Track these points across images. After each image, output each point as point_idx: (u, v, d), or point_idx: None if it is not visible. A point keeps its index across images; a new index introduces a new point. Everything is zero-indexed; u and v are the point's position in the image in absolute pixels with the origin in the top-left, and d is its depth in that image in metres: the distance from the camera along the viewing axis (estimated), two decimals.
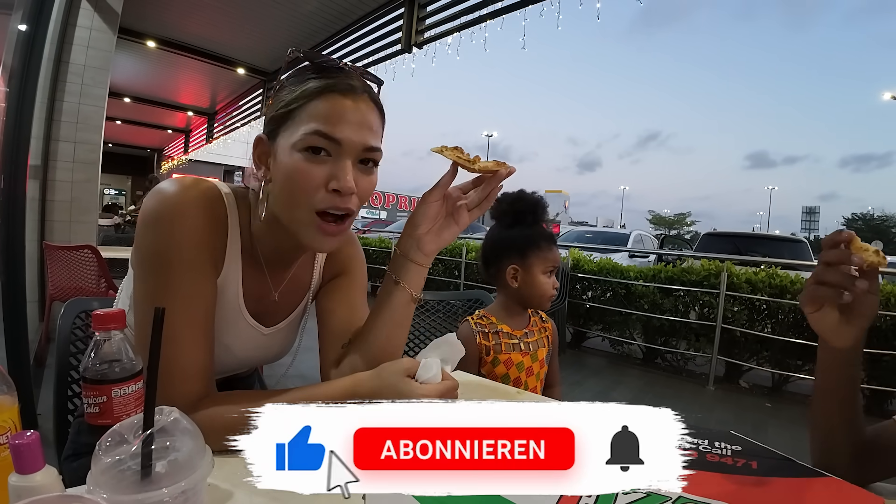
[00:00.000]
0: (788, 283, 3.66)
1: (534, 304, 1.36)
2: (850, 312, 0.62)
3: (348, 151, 0.68)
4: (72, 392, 0.98)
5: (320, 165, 0.67)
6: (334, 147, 0.67)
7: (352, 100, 0.68)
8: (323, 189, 0.67)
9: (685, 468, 0.41)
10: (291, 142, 0.67)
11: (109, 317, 0.52)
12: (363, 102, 0.70)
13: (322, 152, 0.67)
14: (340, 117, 0.67)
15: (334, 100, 0.68)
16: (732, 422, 3.15)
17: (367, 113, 0.69)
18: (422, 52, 4.76)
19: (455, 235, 0.78)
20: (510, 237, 1.34)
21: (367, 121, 0.69)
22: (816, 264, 0.63)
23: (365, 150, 0.69)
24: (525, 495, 0.42)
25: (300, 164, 0.67)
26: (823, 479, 0.59)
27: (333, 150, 0.67)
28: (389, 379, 0.66)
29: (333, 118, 0.67)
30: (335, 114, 0.67)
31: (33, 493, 0.39)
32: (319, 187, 0.67)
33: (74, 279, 3.13)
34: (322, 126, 0.66)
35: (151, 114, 10.78)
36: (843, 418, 0.69)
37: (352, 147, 0.68)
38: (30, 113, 2.10)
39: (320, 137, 0.66)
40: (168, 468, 0.40)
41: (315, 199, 0.67)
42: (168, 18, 5.62)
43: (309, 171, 0.67)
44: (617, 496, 0.52)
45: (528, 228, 1.33)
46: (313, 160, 0.67)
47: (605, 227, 20.45)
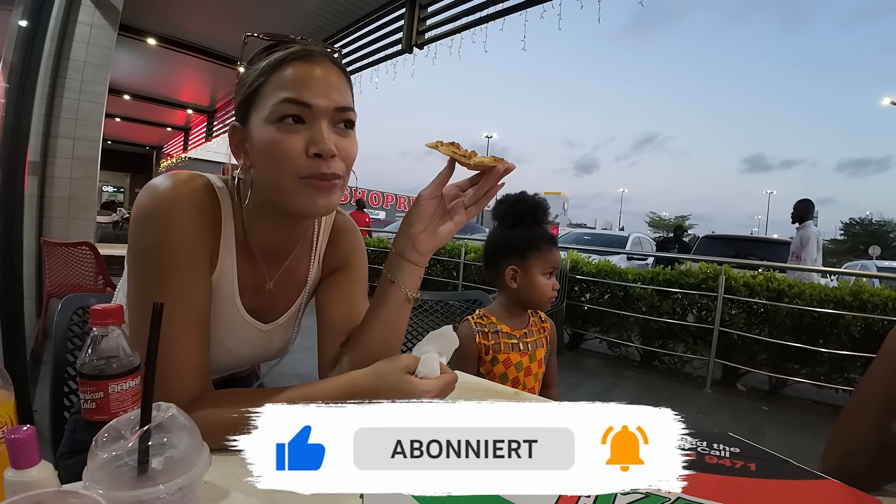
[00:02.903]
0: (786, 286, 3.67)
1: (533, 305, 1.36)
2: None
3: (320, 114, 0.67)
4: (68, 389, 0.98)
5: (296, 134, 0.66)
6: (306, 112, 0.67)
7: (314, 64, 0.68)
8: (304, 156, 0.66)
9: (684, 469, 0.41)
10: (263, 117, 0.67)
11: (107, 312, 0.52)
12: (325, 65, 0.69)
13: (295, 120, 0.67)
14: (306, 82, 0.67)
15: (297, 66, 0.68)
16: (729, 425, 3.15)
17: (330, 74, 0.69)
18: (422, 53, 4.76)
19: (451, 234, 0.76)
20: (510, 238, 1.34)
21: (332, 82, 0.69)
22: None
23: (337, 111, 0.69)
24: (524, 495, 0.42)
25: (276, 136, 0.66)
26: (822, 481, 0.59)
27: (306, 116, 0.67)
28: (389, 378, 0.66)
29: (299, 84, 0.66)
30: (300, 79, 0.67)
31: (29, 489, 0.39)
32: (300, 154, 0.66)
33: (72, 276, 3.12)
34: (290, 93, 0.66)
35: (151, 111, 10.77)
36: (881, 422, 0.69)
37: (323, 109, 0.67)
38: (29, 109, 2.09)
39: (290, 104, 0.66)
40: (165, 465, 0.40)
41: (298, 166, 0.67)
42: (169, 16, 5.62)
43: (286, 141, 0.66)
44: (616, 496, 0.52)
45: (529, 230, 1.33)
46: (288, 129, 0.66)
47: (603, 229, 20.50)
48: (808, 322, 3.57)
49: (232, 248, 0.76)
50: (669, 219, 52.84)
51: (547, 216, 1.37)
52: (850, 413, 0.72)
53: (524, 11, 3.90)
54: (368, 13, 5.09)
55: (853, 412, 0.72)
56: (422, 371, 0.67)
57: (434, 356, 0.68)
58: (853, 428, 0.71)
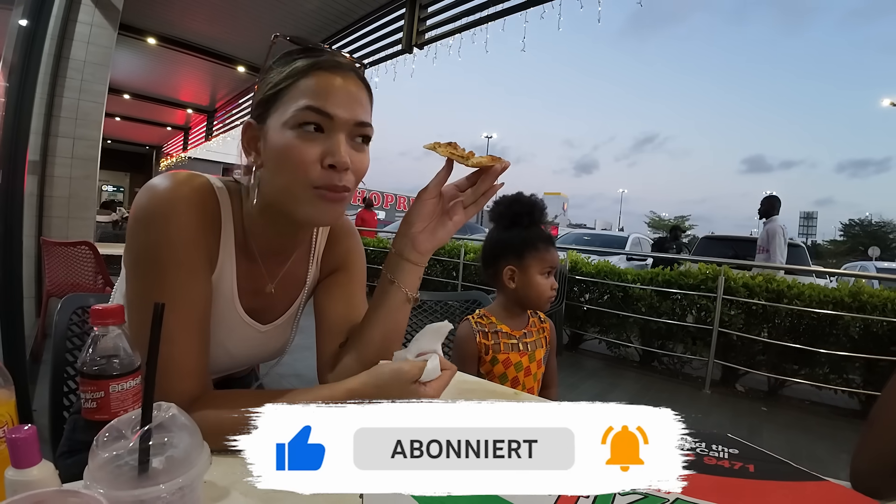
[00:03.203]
0: (785, 287, 3.67)
1: (531, 305, 1.36)
2: None
3: (340, 126, 0.67)
4: (67, 388, 0.98)
5: (314, 142, 0.66)
6: (327, 122, 0.67)
7: (340, 76, 0.68)
8: (318, 165, 0.66)
9: (683, 469, 0.41)
10: (282, 120, 0.67)
11: (108, 312, 0.52)
12: (351, 79, 0.70)
13: (315, 128, 0.67)
14: (331, 93, 0.67)
15: (324, 76, 0.68)
16: (728, 425, 3.16)
17: (355, 89, 0.69)
18: (422, 53, 4.76)
19: (451, 234, 0.76)
20: (507, 238, 1.35)
21: (356, 96, 0.69)
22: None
23: (356, 126, 0.69)
24: (523, 495, 0.42)
25: (293, 142, 0.66)
26: (821, 482, 0.59)
27: (326, 126, 0.67)
28: (393, 392, 0.64)
29: (324, 94, 0.67)
30: (325, 89, 0.67)
31: (30, 488, 0.39)
32: (315, 163, 0.66)
33: (71, 275, 3.12)
34: (314, 101, 0.66)
35: (151, 111, 10.75)
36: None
37: (344, 122, 0.67)
38: (29, 108, 2.09)
39: (312, 112, 0.66)
40: (165, 464, 0.40)
41: (311, 175, 0.67)
42: (169, 15, 5.61)
43: (303, 148, 0.66)
44: (615, 497, 0.52)
45: (525, 230, 1.33)
46: (306, 137, 0.66)
47: (603, 229, 20.52)
48: (808, 323, 3.58)
49: (231, 248, 0.76)
50: (669, 219, 52.86)
51: (544, 216, 1.37)
52: (880, 417, 0.70)
53: (524, 12, 3.90)
54: (368, 13, 5.08)
55: (882, 418, 0.70)
56: (428, 376, 0.66)
57: (435, 357, 0.68)
58: (886, 433, 0.69)
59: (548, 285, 1.33)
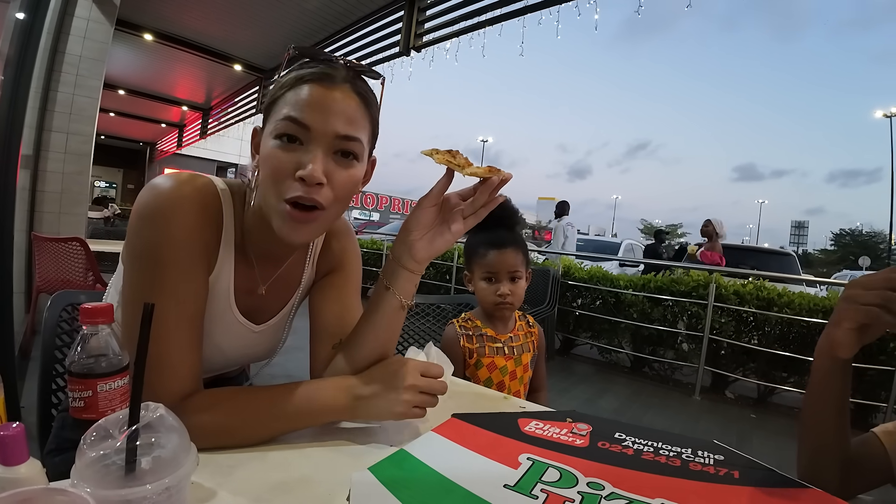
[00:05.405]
0: (776, 295, 3.70)
1: (486, 310, 1.35)
2: (869, 329, 0.62)
3: (318, 139, 0.66)
4: (56, 386, 0.97)
5: (291, 153, 0.66)
6: (304, 134, 0.66)
7: (327, 88, 0.67)
8: (291, 177, 0.66)
9: (668, 476, 0.41)
10: (269, 130, 0.68)
11: (97, 310, 0.51)
12: (340, 91, 0.68)
13: (295, 140, 0.66)
14: (312, 104, 0.66)
15: (312, 86, 0.67)
16: (718, 432, 3.17)
17: (342, 101, 0.68)
18: (420, 56, 4.77)
19: (449, 244, 0.75)
20: (466, 243, 1.36)
21: (341, 109, 0.68)
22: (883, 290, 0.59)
23: (338, 139, 0.67)
24: (506, 496, 0.42)
25: (272, 151, 0.67)
26: (805, 489, 0.60)
27: (304, 138, 0.66)
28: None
29: (305, 105, 0.66)
30: (307, 101, 0.67)
31: (17, 486, 0.39)
32: (288, 175, 0.66)
33: (62, 271, 3.10)
34: (293, 112, 0.66)
35: (146, 107, 10.70)
36: (834, 430, 0.70)
37: (322, 134, 0.66)
38: (24, 102, 2.08)
39: (290, 123, 0.66)
40: (152, 464, 0.40)
41: (283, 186, 0.66)
42: (166, 12, 5.60)
43: (279, 158, 0.66)
44: (600, 499, 0.52)
45: (474, 234, 1.31)
46: (285, 147, 0.66)
47: (596, 235, 20.60)
48: (797, 331, 3.61)
49: (231, 249, 0.76)
50: (662, 226, 53.14)
51: (516, 220, 1.32)
52: (808, 422, 0.73)
53: (522, 17, 3.92)
54: (367, 14, 5.09)
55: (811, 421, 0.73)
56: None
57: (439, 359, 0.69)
58: (816, 436, 0.72)
59: (491, 290, 1.29)
